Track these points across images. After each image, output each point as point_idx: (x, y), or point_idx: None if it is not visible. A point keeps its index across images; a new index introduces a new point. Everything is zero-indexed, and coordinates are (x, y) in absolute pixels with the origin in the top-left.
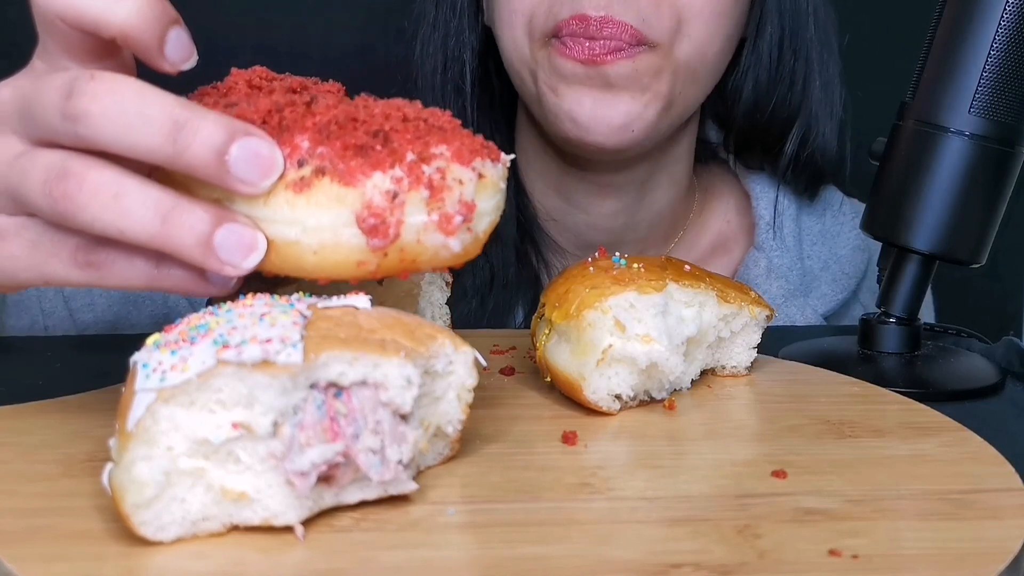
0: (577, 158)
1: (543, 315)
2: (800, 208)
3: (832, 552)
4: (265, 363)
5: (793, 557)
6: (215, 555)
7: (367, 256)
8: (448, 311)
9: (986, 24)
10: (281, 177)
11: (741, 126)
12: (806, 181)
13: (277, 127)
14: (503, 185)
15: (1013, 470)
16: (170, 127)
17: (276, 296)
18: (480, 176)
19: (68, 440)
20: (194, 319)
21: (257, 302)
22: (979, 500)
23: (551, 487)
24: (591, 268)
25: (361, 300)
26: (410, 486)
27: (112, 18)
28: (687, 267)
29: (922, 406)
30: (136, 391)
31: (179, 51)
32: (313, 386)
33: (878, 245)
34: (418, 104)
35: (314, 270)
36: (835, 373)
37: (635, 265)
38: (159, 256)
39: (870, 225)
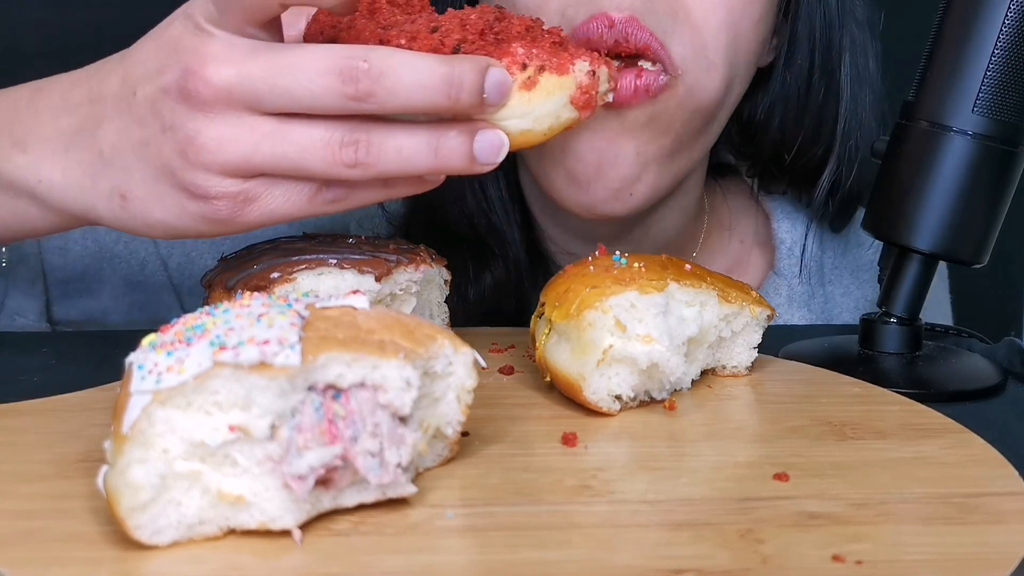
0: None
1: (543, 314)
2: (822, 231)
3: (836, 558)
4: (262, 365)
5: (796, 563)
6: (212, 559)
7: (575, 124)
8: (447, 309)
9: (990, 23)
10: None
11: (766, 160)
12: (833, 214)
13: (495, 41)
14: None
15: (1016, 473)
16: (443, 87)
17: (273, 296)
18: None
19: (62, 440)
20: (190, 319)
21: (254, 302)
22: (983, 504)
23: (551, 489)
24: (591, 267)
25: (359, 300)
26: (409, 489)
27: None
28: (688, 266)
29: (924, 407)
30: (132, 393)
31: None
32: (311, 388)
33: None
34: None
35: (540, 145)
36: (836, 373)
37: (636, 264)
38: (387, 180)
39: (871, 224)
